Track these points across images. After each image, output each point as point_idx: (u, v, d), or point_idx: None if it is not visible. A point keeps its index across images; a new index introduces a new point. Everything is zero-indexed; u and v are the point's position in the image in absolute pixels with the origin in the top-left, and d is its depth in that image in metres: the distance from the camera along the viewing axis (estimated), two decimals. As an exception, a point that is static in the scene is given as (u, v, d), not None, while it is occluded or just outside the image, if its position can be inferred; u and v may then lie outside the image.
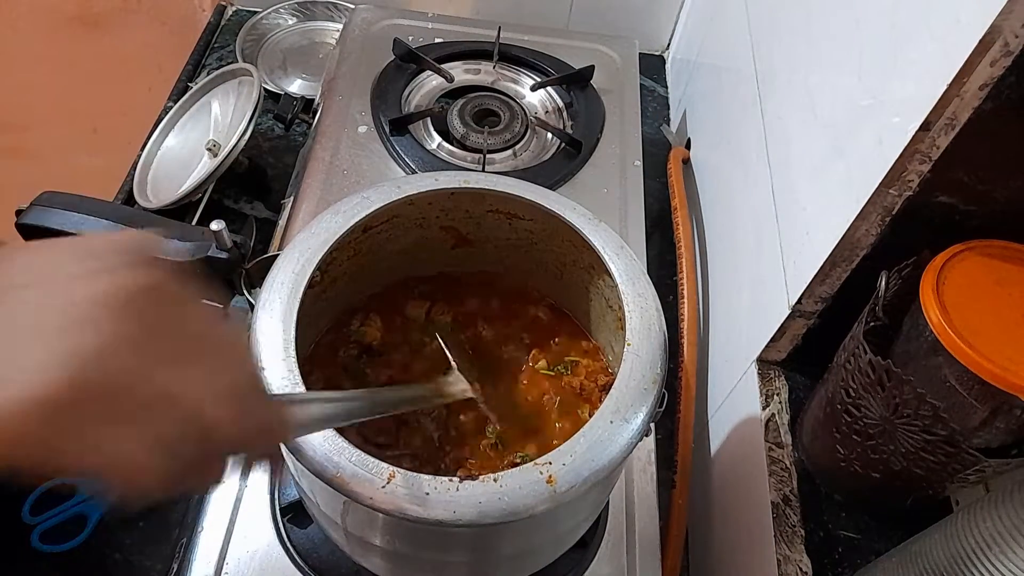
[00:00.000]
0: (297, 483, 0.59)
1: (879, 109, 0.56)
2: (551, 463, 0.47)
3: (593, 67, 1.03)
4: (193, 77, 1.20)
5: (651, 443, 0.73)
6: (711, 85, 1.06)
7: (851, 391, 0.61)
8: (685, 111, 1.17)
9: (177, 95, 1.14)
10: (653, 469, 0.72)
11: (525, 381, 0.64)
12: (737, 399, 0.77)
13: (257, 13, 1.28)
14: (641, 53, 1.13)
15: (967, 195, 0.57)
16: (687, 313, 0.89)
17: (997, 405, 0.53)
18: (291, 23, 1.29)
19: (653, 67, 1.31)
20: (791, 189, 0.71)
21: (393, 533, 0.53)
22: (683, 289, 0.91)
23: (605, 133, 0.99)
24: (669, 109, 1.25)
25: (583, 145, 0.95)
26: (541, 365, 0.64)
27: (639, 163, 0.97)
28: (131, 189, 1.05)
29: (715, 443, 0.82)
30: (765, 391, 0.71)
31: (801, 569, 0.62)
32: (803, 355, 0.71)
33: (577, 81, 1.03)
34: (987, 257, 0.57)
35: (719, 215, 0.95)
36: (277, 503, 0.66)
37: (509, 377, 0.64)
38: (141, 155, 1.07)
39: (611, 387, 0.51)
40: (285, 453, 0.51)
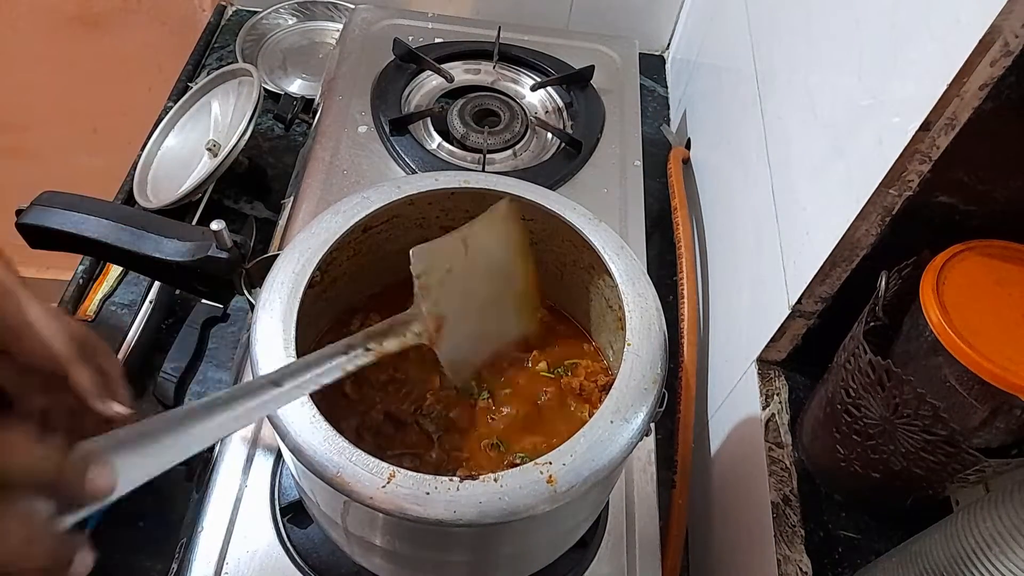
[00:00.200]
0: (297, 483, 0.59)
1: (879, 109, 0.56)
2: (551, 463, 0.47)
3: (593, 67, 1.03)
4: (193, 77, 1.20)
5: (651, 443, 0.73)
6: (711, 85, 1.06)
7: (851, 391, 0.61)
8: (685, 111, 1.17)
9: (177, 95, 1.14)
10: (653, 469, 0.72)
11: (525, 382, 0.64)
12: (737, 399, 0.77)
13: (257, 13, 1.28)
14: (641, 53, 1.13)
15: (967, 195, 0.57)
16: (687, 313, 0.89)
17: (997, 405, 0.53)
18: (291, 23, 1.29)
19: (653, 67, 1.31)
20: (791, 189, 0.71)
21: (393, 533, 0.53)
22: (683, 289, 0.91)
23: (605, 133, 0.99)
24: (669, 109, 1.25)
25: (583, 145, 0.95)
26: (541, 367, 0.64)
27: (639, 163, 0.97)
28: (131, 189, 1.05)
29: (715, 443, 0.82)
30: (765, 391, 0.71)
31: (801, 569, 0.62)
32: (803, 355, 0.71)
33: (577, 81, 1.03)
34: (987, 257, 0.57)
35: (719, 215, 0.95)
36: (277, 503, 0.66)
37: (509, 377, 0.64)
38: (141, 155, 1.07)
39: (611, 387, 0.51)
40: (285, 453, 0.51)
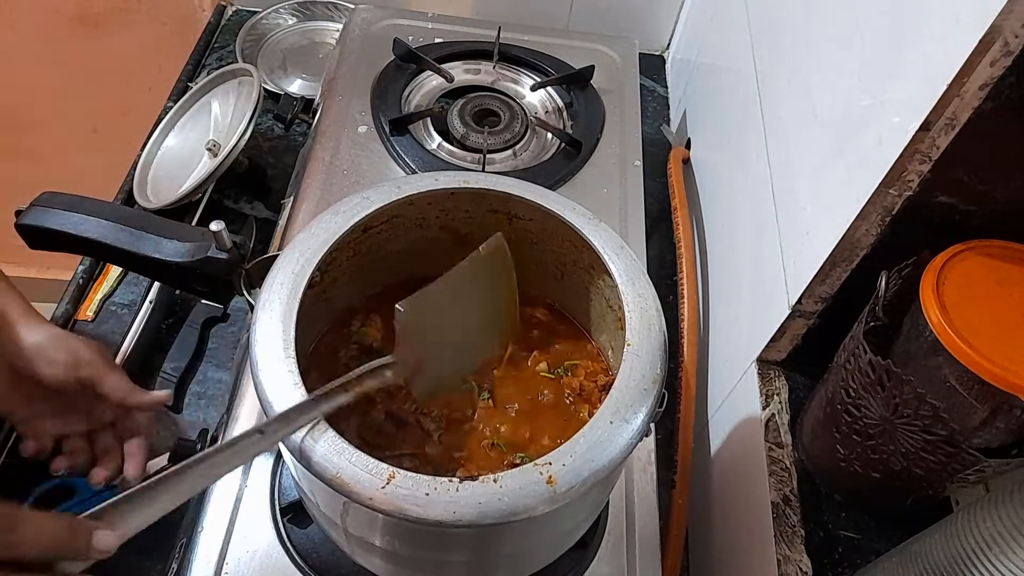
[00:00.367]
0: (297, 483, 0.59)
1: (879, 109, 0.56)
2: (551, 463, 0.47)
3: (593, 67, 1.03)
4: (193, 77, 1.20)
5: (651, 443, 0.73)
6: (711, 85, 1.06)
7: (851, 391, 0.61)
8: (685, 111, 1.17)
9: (177, 95, 1.14)
10: (653, 469, 0.72)
11: (525, 382, 0.64)
12: (737, 399, 0.77)
13: (257, 13, 1.28)
14: (641, 53, 1.13)
15: (967, 195, 0.57)
16: (687, 313, 0.89)
17: (997, 405, 0.53)
18: (291, 23, 1.29)
19: (653, 67, 1.31)
20: (791, 189, 0.71)
21: (393, 533, 0.53)
22: (683, 289, 0.91)
23: (605, 133, 0.99)
24: (669, 109, 1.25)
25: (583, 145, 0.95)
26: (541, 367, 0.64)
27: (639, 163, 0.97)
28: (131, 189, 1.05)
29: (715, 443, 0.82)
30: (765, 391, 0.71)
31: (801, 569, 0.62)
32: (803, 355, 0.71)
33: (577, 81, 1.03)
34: (987, 257, 0.57)
35: (719, 215, 0.95)
36: (277, 503, 0.66)
37: (509, 378, 0.64)
38: (141, 155, 1.07)
39: (611, 387, 0.51)
40: (285, 454, 0.51)
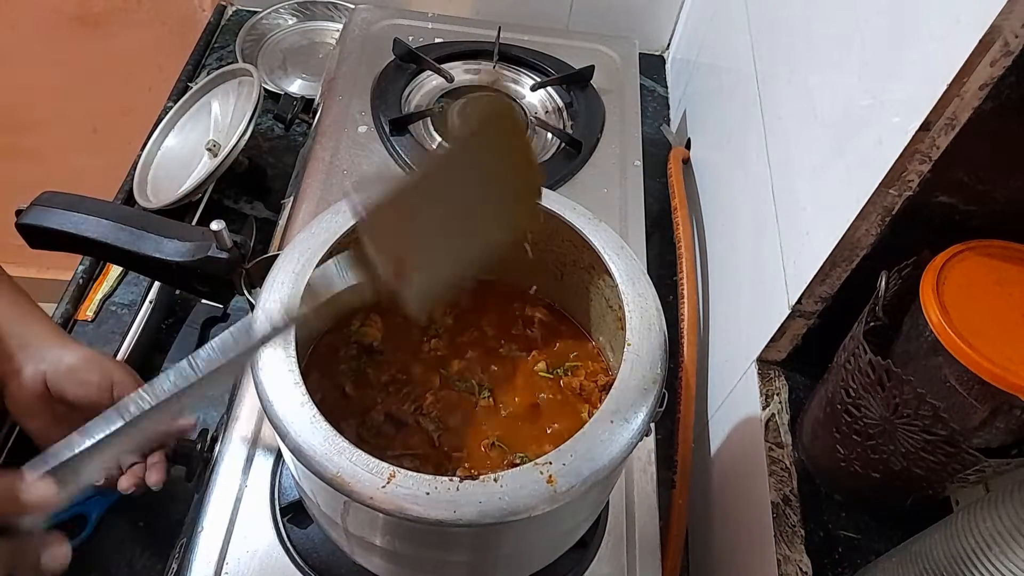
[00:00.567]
0: (297, 483, 0.59)
1: (879, 109, 0.56)
2: (551, 463, 0.47)
3: (593, 67, 1.03)
4: (193, 77, 1.20)
5: (651, 443, 0.73)
6: (711, 85, 1.06)
7: (851, 391, 0.61)
8: (685, 111, 1.17)
9: (177, 95, 1.14)
10: (653, 469, 0.72)
11: (525, 382, 0.64)
12: (737, 399, 0.77)
13: (257, 13, 1.28)
14: (641, 53, 1.13)
15: (967, 195, 0.57)
16: (687, 313, 0.89)
17: (997, 405, 0.53)
18: (291, 23, 1.29)
19: (653, 67, 1.31)
20: (791, 189, 0.71)
21: (393, 533, 0.53)
22: (683, 289, 0.91)
23: (605, 133, 0.99)
24: (669, 109, 1.25)
25: (583, 145, 0.95)
26: (540, 367, 0.64)
27: (639, 163, 0.97)
28: (131, 189, 1.05)
29: (715, 443, 0.82)
30: (765, 391, 0.71)
31: (801, 569, 0.62)
32: (803, 355, 0.71)
33: (577, 81, 1.03)
34: (987, 257, 0.57)
35: (719, 215, 0.95)
36: (277, 503, 0.66)
37: (510, 378, 0.64)
38: (141, 155, 1.07)
39: (611, 387, 0.51)
40: (286, 454, 0.51)
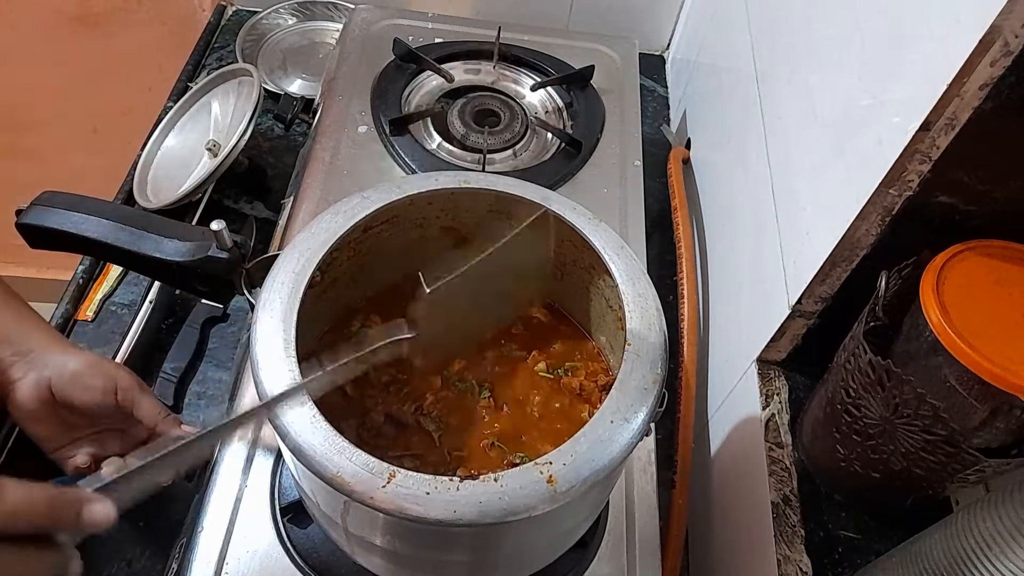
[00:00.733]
0: (297, 483, 0.59)
1: (879, 109, 0.56)
2: (551, 463, 0.47)
3: (593, 67, 1.03)
4: (193, 77, 1.20)
5: (651, 443, 0.73)
6: (711, 85, 1.06)
7: (851, 391, 0.61)
8: (685, 111, 1.17)
9: (177, 95, 1.14)
10: (653, 469, 0.72)
11: (525, 382, 0.64)
12: (737, 399, 0.77)
13: (257, 13, 1.28)
14: (641, 53, 1.13)
15: (967, 195, 0.57)
16: (687, 313, 0.89)
17: (997, 405, 0.53)
18: (291, 23, 1.29)
19: (653, 67, 1.31)
20: (791, 189, 0.71)
21: (393, 533, 0.53)
22: (683, 289, 0.91)
23: (605, 133, 0.99)
24: (669, 109, 1.25)
25: (583, 145, 0.95)
26: (540, 367, 0.64)
27: (639, 163, 0.97)
28: (131, 189, 1.05)
29: (715, 443, 0.82)
30: (765, 391, 0.71)
31: (801, 569, 0.62)
32: (803, 355, 0.71)
33: (577, 81, 1.03)
34: (987, 257, 0.57)
35: (719, 215, 0.95)
36: (277, 503, 0.66)
37: (510, 378, 0.64)
38: (141, 155, 1.07)
39: (611, 387, 0.51)
40: (286, 454, 0.51)
